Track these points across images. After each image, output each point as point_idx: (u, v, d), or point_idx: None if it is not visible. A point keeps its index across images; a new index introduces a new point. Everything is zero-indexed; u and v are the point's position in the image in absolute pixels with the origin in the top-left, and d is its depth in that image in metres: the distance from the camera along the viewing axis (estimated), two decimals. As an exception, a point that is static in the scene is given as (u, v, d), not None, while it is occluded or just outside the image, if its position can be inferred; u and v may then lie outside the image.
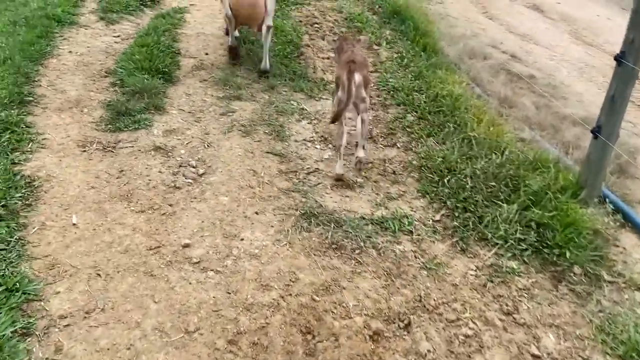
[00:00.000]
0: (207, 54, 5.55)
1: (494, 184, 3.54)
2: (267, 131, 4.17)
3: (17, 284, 2.43)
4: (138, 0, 7.02)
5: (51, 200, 3.08)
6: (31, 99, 4.11)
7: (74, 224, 2.91)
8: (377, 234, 3.13)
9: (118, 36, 5.90)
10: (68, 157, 3.54)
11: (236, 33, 5.18)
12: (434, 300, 2.71)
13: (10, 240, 2.71)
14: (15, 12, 6.32)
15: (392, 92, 5.02)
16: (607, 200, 3.59)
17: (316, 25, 6.75)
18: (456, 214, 3.34)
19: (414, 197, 3.56)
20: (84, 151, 3.65)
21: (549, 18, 8.97)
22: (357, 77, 3.65)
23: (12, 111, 3.85)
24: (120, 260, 2.73)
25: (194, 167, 3.62)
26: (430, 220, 3.32)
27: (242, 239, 2.98)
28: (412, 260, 2.98)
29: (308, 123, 4.46)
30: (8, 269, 2.52)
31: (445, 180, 3.60)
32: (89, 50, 5.30)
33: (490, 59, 6.16)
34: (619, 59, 3.25)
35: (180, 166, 3.61)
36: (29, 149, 3.49)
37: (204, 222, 3.09)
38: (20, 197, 3.02)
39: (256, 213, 3.22)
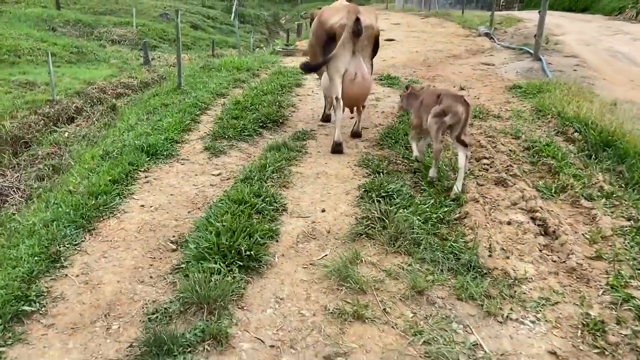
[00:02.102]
0: (324, 210, 3.76)
1: None
2: (406, 419, 2.07)
3: None
4: (257, 123, 5.72)
5: None
6: (35, 308, 2.58)
7: None
8: None
9: (218, 174, 4.47)
10: None
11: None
12: None
13: None
14: (115, 139, 5.35)
15: (647, 318, 2.63)
16: None
17: (485, 160, 4.67)
18: None
19: None
20: None
21: None
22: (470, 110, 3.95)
23: (-10, 338, 2.33)
24: None
25: None
26: None
27: None
28: None
29: (487, 387, 2.27)
30: None
31: None
32: (170, 201, 3.86)
33: None
34: None
35: None
36: None
37: None
38: None
39: None
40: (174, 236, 3.37)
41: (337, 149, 4.89)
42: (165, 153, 4.73)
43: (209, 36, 20.60)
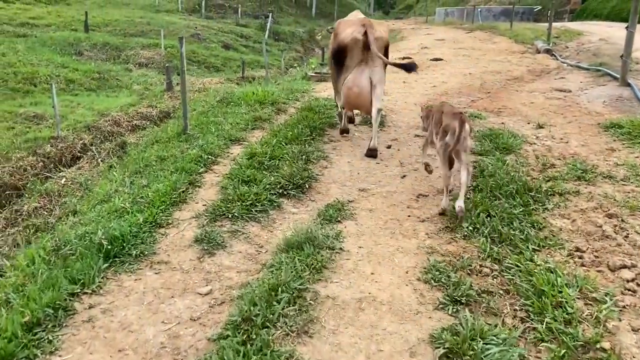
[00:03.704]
0: (374, 402, 2.06)
1: None
2: None
3: None
4: (275, 189, 4.09)
5: None
6: None
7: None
8: None
9: (207, 293, 2.84)
10: None
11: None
12: None
13: None
14: (76, 222, 3.82)
15: None
16: None
17: (625, 272, 2.84)
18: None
19: None
20: None
21: None
22: (467, 127, 3.63)
23: None
24: None
25: None
26: None
27: None
28: None
29: None
30: None
31: None
32: (113, 370, 2.24)
33: None
34: None
35: None
36: None
37: None
38: None
39: None
40: None
41: (345, 132, 5.63)
42: (134, 252, 3.14)
43: (241, 56, 19.29)
